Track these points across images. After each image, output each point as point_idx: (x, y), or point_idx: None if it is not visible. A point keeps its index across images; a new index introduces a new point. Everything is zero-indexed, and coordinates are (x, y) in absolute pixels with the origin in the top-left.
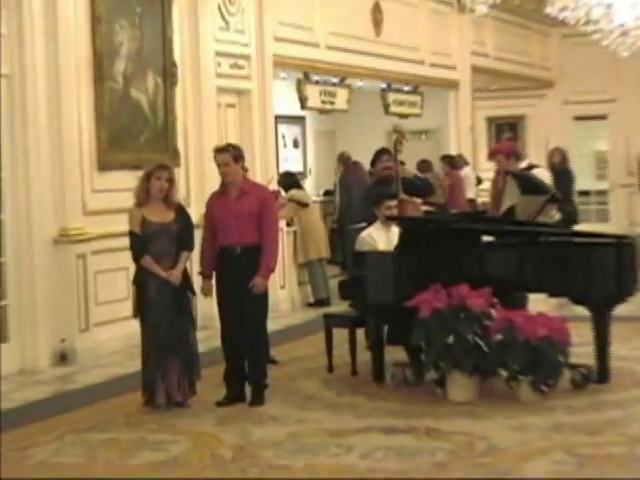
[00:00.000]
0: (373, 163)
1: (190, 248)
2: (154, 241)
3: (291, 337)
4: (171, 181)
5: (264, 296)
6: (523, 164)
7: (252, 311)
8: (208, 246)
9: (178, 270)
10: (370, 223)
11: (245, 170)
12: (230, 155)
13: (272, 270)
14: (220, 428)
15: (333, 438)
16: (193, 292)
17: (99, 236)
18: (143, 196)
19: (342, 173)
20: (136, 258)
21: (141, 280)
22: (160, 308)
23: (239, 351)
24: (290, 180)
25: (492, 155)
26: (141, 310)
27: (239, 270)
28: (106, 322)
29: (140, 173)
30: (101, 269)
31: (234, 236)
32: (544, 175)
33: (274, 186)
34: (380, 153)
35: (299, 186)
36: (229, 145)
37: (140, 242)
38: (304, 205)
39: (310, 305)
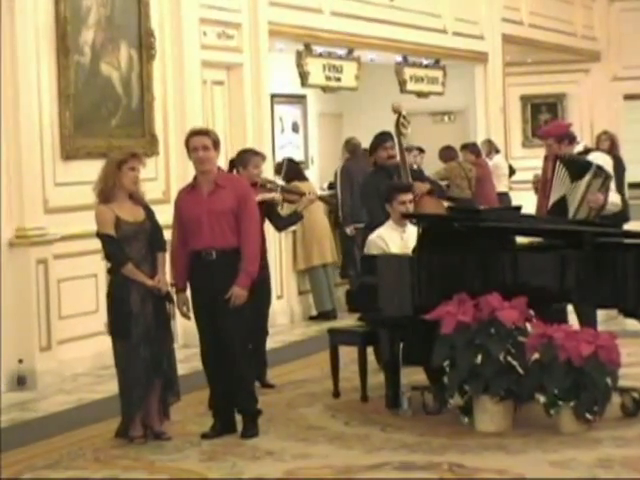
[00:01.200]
0: (373, 150)
1: (165, 248)
2: (132, 244)
3: (290, 356)
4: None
5: (247, 308)
6: (579, 148)
7: (232, 326)
8: (179, 252)
9: (164, 275)
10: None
11: (264, 159)
12: (210, 139)
13: (253, 277)
14: (206, 465)
15: (340, 476)
16: (171, 300)
17: (63, 237)
18: (113, 190)
19: (345, 161)
20: (116, 266)
21: (121, 291)
22: (145, 322)
23: (224, 374)
24: (293, 169)
25: (541, 138)
26: (121, 326)
27: (215, 279)
28: (71, 339)
29: None
30: (65, 276)
31: (208, 238)
32: (604, 161)
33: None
34: (382, 138)
35: (303, 177)
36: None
37: (119, 247)
38: (327, 202)
39: (312, 318)
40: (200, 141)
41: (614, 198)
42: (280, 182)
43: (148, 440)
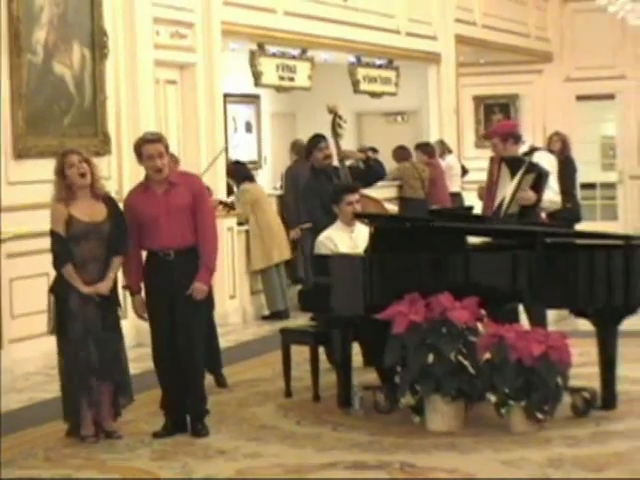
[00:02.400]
0: (308, 153)
1: (123, 252)
2: (81, 244)
3: (242, 356)
4: (88, 162)
5: (203, 305)
6: (524, 148)
7: (188, 324)
8: (132, 253)
9: (107, 282)
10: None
11: (176, 162)
12: (163, 144)
13: (213, 272)
14: (158, 464)
15: (291, 475)
16: (119, 305)
17: (15, 236)
18: (66, 194)
19: (292, 163)
20: (57, 265)
21: (62, 289)
22: (84, 323)
23: (177, 374)
24: (243, 171)
25: (487, 137)
26: (60, 324)
27: (174, 279)
28: (24, 338)
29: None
30: (18, 275)
31: (166, 238)
32: (548, 160)
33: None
34: (315, 140)
35: (252, 179)
36: (157, 133)
37: (64, 246)
38: (230, 207)
39: (265, 318)
40: (155, 149)
41: (552, 196)
42: None
43: (100, 439)
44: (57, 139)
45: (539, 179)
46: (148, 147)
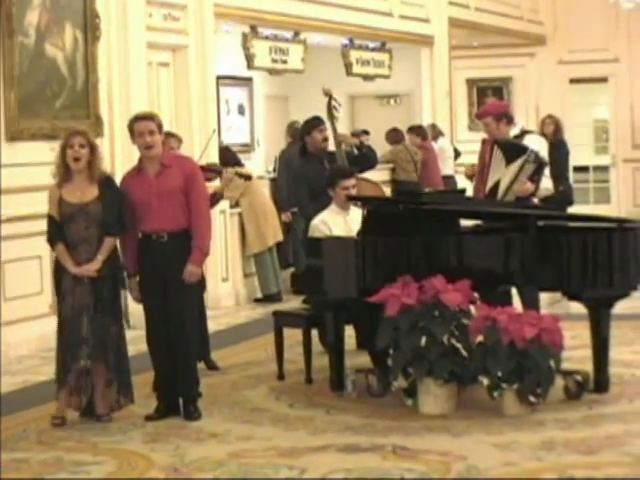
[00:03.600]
0: (306, 133)
1: (114, 232)
2: (70, 225)
3: (235, 339)
4: (91, 147)
5: (196, 288)
6: (515, 130)
7: (181, 307)
8: (128, 236)
9: (94, 263)
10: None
11: (179, 141)
12: (155, 123)
13: (206, 254)
14: (150, 447)
15: (284, 458)
16: (123, 285)
17: (8, 219)
18: (62, 173)
19: (286, 146)
20: (50, 245)
21: (57, 268)
22: (75, 302)
23: (170, 357)
24: (233, 157)
25: (480, 117)
26: (56, 301)
27: (166, 261)
28: (17, 320)
29: (56, 144)
30: (11, 258)
31: (159, 220)
32: (539, 144)
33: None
34: (316, 122)
35: (239, 163)
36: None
37: (55, 227)
38: (247, 178)
39: (257, 301)
40: (146, 126)
41: (546, 182)
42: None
43: (89, 421)
44: (49, 121)
45: (539, 169)
46: (139, 124)
